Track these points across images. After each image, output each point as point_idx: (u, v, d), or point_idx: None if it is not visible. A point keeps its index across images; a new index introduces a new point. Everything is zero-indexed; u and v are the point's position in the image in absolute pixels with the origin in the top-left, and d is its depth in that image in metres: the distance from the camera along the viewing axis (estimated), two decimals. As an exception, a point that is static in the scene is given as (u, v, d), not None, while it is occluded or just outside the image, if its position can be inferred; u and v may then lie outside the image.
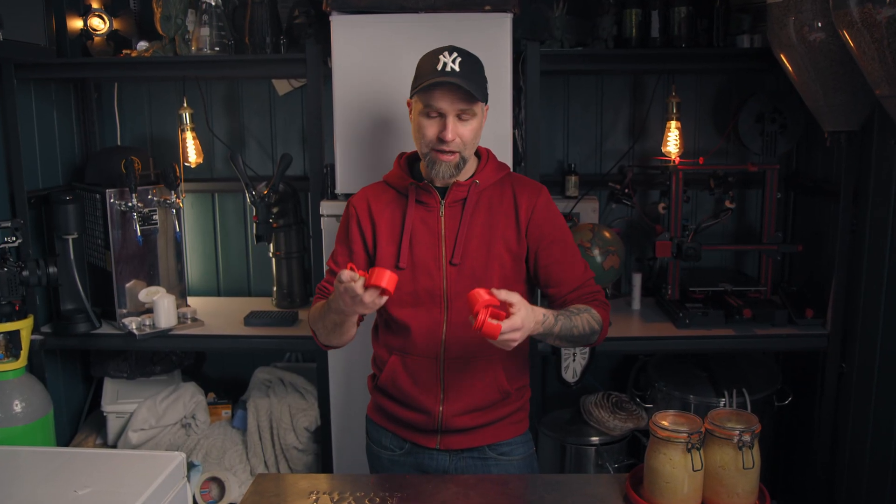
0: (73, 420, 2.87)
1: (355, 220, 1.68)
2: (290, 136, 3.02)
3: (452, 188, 1.63)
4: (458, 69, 1.52)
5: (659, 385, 2.55)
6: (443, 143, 1.55)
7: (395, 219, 1.66)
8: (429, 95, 1.54)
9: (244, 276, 3.11)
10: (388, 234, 1.65)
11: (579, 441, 2.51)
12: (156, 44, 2.63)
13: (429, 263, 1.62)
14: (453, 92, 1.52)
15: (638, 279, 2.75)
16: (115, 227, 2.55)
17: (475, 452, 1.70)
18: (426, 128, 1.56)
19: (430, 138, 1.56)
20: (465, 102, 1.53)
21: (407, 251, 1.63)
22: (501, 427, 1.70)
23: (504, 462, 1.71)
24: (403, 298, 1.63)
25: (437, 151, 1.56)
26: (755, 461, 1.39)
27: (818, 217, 2.70)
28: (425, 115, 1.56)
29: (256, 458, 2.67)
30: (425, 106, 1.55)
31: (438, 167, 1.57)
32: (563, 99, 2.96)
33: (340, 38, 2.22)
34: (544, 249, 1.64)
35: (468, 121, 1.56)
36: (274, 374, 2.82)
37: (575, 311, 1.57)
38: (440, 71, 1.52)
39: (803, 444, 2.70)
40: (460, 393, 1.64)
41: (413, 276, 1.63)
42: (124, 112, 3.01)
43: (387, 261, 1.64)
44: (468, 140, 1.57)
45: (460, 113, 1.54)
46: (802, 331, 2.45)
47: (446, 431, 1.67)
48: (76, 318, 2.54)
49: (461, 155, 1.57)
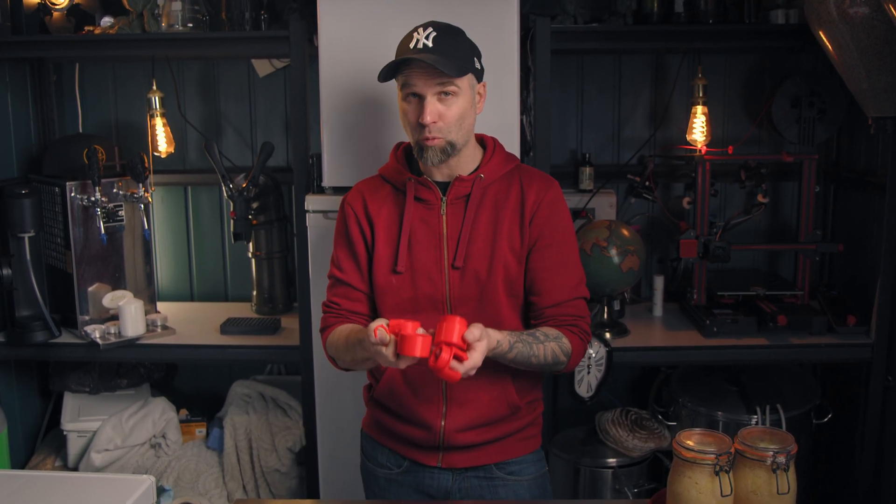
0: (30, 439, 2.87)
1: (354, 219, 1.69)
2: (272, 123, 3.02)
3: (455, 183, 1.63)
4: (431, 44, 1.54)
5: (683, 401, 2.54)
6: (423, 127, 1.56)
7: (393, 217, 1.66)
8: (405, 76, 1.57)
9: (220, 278, 3.11)
10: (385, 234, 1.66)
11: (594, 463, 2.51)
12: (122, 20, 2.63)
13: (430, 267, 1.63)
14: (426, 70, 1.54)
15: (660, 282, 2.75)
16: (76, 225, 2.55)
17: (481, 471, 1.70)
18: (407, 113, 1.60)
19: (412, 124, 1.59)
20: (442, 78, 1.54)
21: (405, 254, 1.63)
22: (510, 444, 1.70)
23: (512, 482, 1.71)
24: (402, 305, 1.64)
25: (423, 138, 1.58)
26: (791, 486, 1.38)
27: (861, 213, 2.70)
28: (405, 100, 1.60)
29: (234, 481, 2.67)
30: (401, 88, 1.59)
31: (426, 154, 1.59)
32: (576, 81, 2.95)
33: (328, 14, 2.22)
34: (537, 252, 1.64)
35: (451, 100, 1.57)
36: (253, 388, 2.82)
37: (542, 337, 1.57)
38: (413, 49, 1.56)
39: (844, 467, 2.70)
40: (464, 406, 1.64)
41: (413, 281, 1.63)
42: (86, 96, 3.01)
43: (384, 264, 1.65)
44: (451, 121, 1.57)
45: (439, 92, 1.56)
46: (844, 340, 2.45)
47: (449, 448, 1.67)
48: (33, 325, 2.54)
49: (446, 139, 1.58)
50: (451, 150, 1.60)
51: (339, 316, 1.69)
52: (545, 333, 1.58)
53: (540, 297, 1.64)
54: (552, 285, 1.64)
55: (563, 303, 1.63)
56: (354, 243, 1.68)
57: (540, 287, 1.64)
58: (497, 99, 2.21)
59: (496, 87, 2.21)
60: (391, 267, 1.64)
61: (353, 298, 1.69)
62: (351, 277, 1.68)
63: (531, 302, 1.67)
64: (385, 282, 1.65)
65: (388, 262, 1.64)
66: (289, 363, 2.99)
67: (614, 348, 2.40)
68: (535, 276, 1.64)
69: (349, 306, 1.69)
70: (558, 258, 1.64)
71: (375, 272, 1.66)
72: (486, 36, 2.25)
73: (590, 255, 2.37)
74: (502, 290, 1.63)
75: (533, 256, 1.64)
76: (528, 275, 1.65)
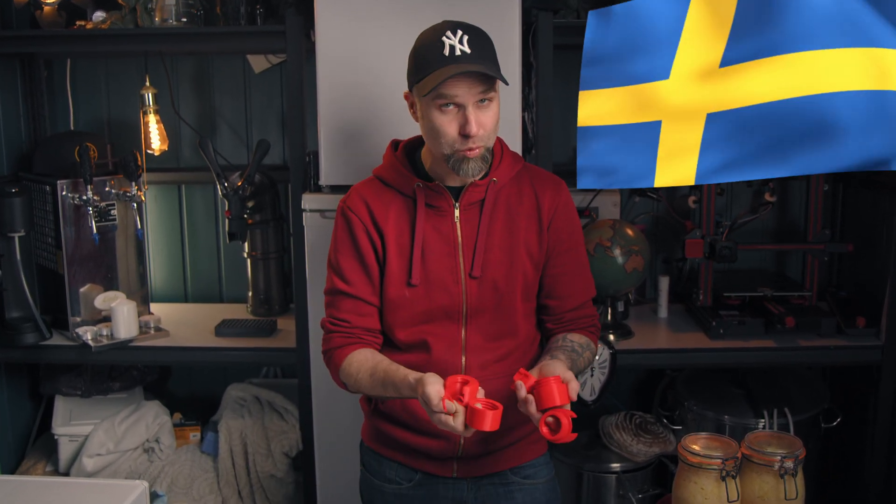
0: (20, 444, 2.87)
1: (361, 227, 1.61)
2: (268, 120, 3.02)
3: (468, 189, 1.59)
4: (470, 50, 1.47)
5: (689, 404, 2.54)
6: (468, 138, 1.48)
7: (402, 226, 1.61)
8: (445, 85, 1.46)
9: (215, 279, 3.11)
10: (395, 244, 1.60)
11: (598, 468, 2.51)
12: (114, 14, 2.63)
13: (445, 278, 1.60)
14: (469, 77, 1.46)
15: (665, 283, 2.75)
16: (67, 224, 2.55)
17: (496, 478, 1.71)
18: (445, 125, 1.49)
19: (452, 136, 1.50)
20: (485, 85, 1.48)
21: (419, 265, 1.59)
22: (523, 447, 1.71)
23: (528, 487, 1.72)
24: (416, 318, 1.61)
25: (468, 149, 1.50)
26: (799, 491, 1.39)
27: (871, 212, 2.70)
28: (438, 110, 1.49)
29: (229, 487, 2.67)
30: (437, 98, 1.48)
31: (467, 166, 1.51)
32: (579, 77, 2.95)
33: (325, 9, 2.22)
34: (558, 256, 1.65)
35: (489, 105, 1.51)
36: (249, 391, 2.82)
37: (580, 349, 1.62)
38: (450, 56, 1.46)
39: (854, 472, 2.70)
40: None
41: (427, 294, 1.60)
42: (78, 92, 3.00)
43: (397, 277, 1.60)
44: (491, 128, 1.53)
45: (480, 99, 1.49)
46: (853, 342, 2.45)
47: (465, 457, 1.67)
48: (23, 327, 2.54)
49: (485, 146, 1.53)
50: (490, 156, 1.57)
51: (350, 335, 1.61)
52: (579, 345, 1.63)
53: (561, 301, 1.67)
54: (573, 289, 1.66)
55: (581, 305, 1.68)
56: (364, 254, 1.60)
57: (561, 291, 1.66)
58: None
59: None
60: (405, 280, 1.59)
61: (364, 314, 1.62)
62: (361, 290, 1.61)
63: (549, 305, 1.68)
64: (398, 296, 1.60)
65: (402, 275, 1.59)
66: (285, 366, 3.00)
67: (618, 350, 2.40)
68: (556, 282, 1.65)
69: (362, 323, 1.62)
70: (578, 262, 1.67)
71: (387, 286, 1.60)
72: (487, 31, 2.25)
73: (593, 255, 2.37)
74: (519, 298, 1.63)
75: (553, 262, 1.64)
76: (547, 280, 1.66)
